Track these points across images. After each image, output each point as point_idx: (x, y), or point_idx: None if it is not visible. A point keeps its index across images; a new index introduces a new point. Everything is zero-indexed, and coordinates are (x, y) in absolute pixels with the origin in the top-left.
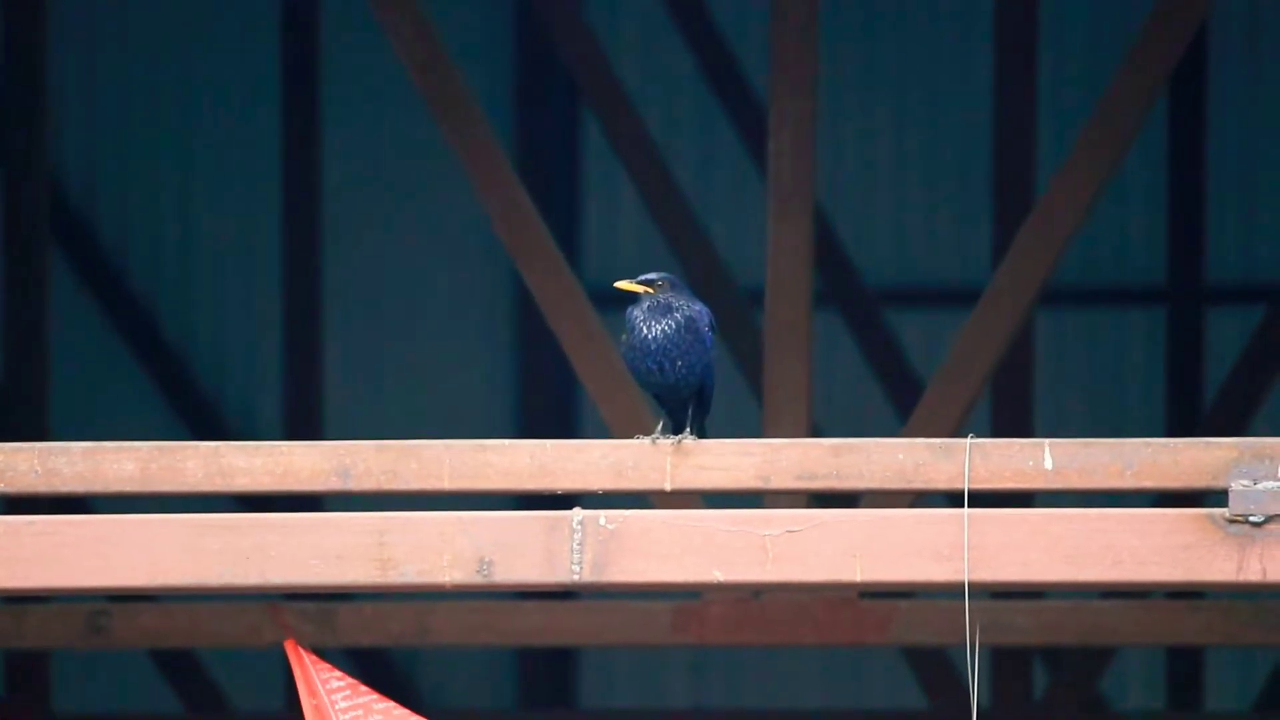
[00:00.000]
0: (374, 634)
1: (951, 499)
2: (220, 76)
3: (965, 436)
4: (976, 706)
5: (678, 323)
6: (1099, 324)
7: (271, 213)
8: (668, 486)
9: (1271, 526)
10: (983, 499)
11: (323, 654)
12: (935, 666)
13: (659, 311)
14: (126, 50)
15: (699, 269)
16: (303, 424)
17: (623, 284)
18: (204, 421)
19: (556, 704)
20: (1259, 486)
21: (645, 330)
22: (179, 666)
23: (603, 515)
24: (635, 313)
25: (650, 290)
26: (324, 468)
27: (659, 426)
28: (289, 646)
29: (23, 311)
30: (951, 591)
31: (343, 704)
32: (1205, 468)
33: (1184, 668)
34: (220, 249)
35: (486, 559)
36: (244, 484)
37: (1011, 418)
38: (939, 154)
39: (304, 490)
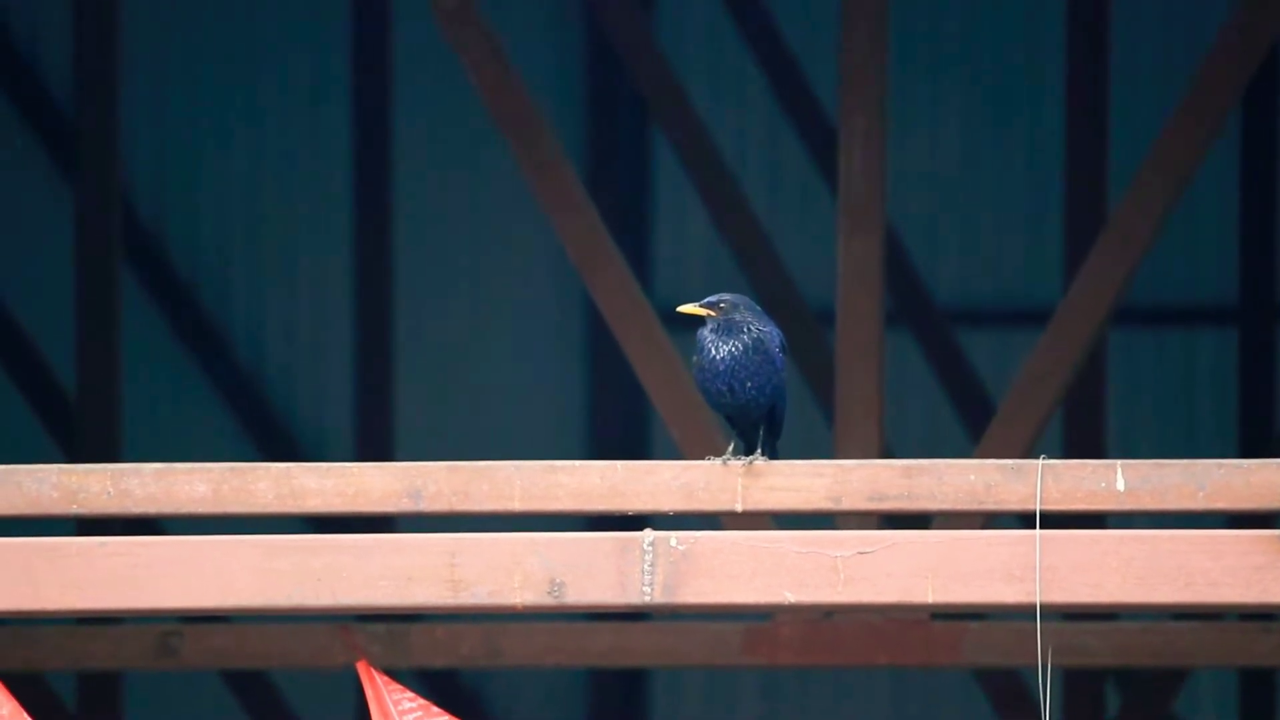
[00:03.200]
0: (445, 655)
1: (1023, 520)
2: (290, 99)
3: (1037, 457)
4: None
5: (745, 344)
6: (1170, 343)
7: (343, 233)
8: (739, 508)
9: None
10: (1055, 520)
11: (394, 675)
12: (1007, 688)
13: (728, 332)
14: (197, 71)
15: (769, 289)
16: (374, 445)
17: (686, 308)
18: (275, 442)
19: None
20: None
21: (714, 351)
22: (250, 687)
23: (674, 536)
24: (704, 333)
25: (713, 313)
26: (395, 489)
27: (730, 448)
28: (360, 667)
29: (94, 331)
30: (1023, 613)
31: None
32: (1278, 489)
33: (1256, 689)
34: (291, 269)
35: (558, 580)
36: (315, 505)
37: (1083, 438)
38: (1010, 172)
39: (375, 511)
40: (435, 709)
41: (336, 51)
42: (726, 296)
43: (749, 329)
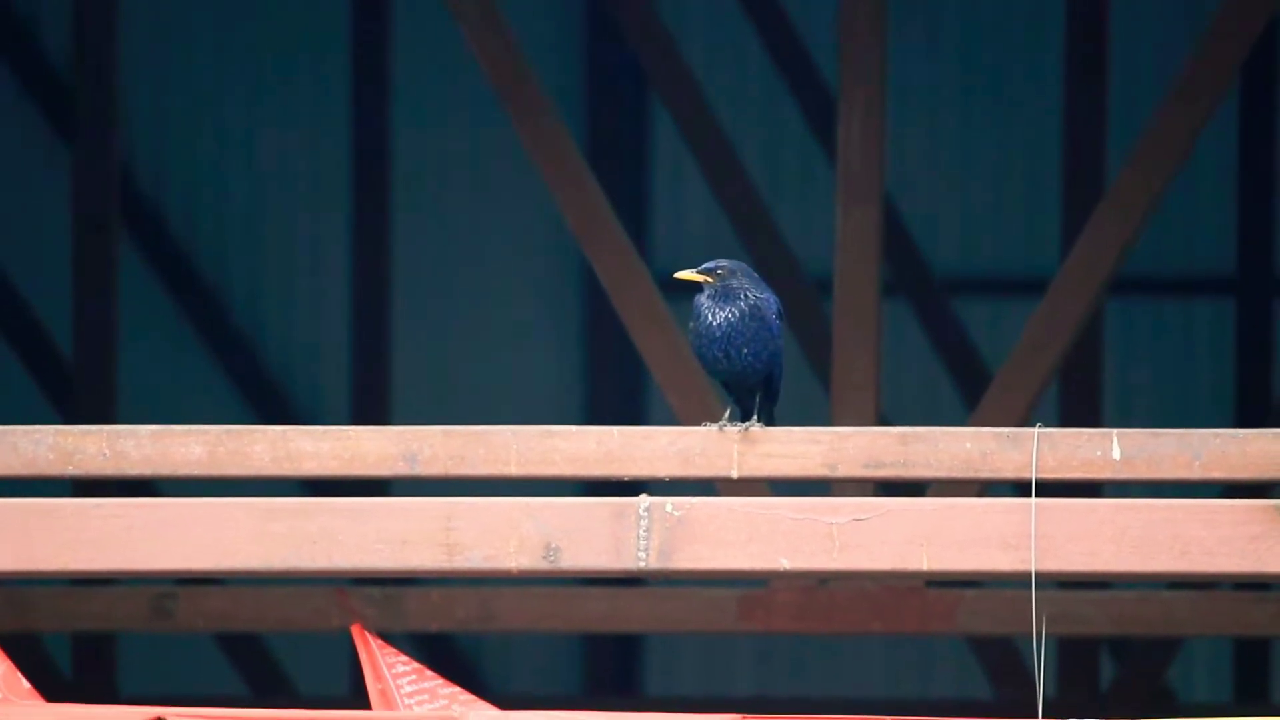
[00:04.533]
0: (440, 619)
1: (1019, 488)
2: (289, 61)
3: (1033, 426)
4: (1043, 696)
5: (741, 310)
6: (1168, 314)
7: (341, 198)
8: (734, 474)
9: None
10: (1050, 489)
11: (389, 639)
12: (1001, 656)
13: (724, 298)
14: (195, 36)
15: (767, 257)
16: (370, 409)
17: (683, 274)
18: (271, 405)
19: (622, 691)
20: None
21: (710, 317)
22: (245, 650)
23: (669, 502)
24: (701, 299)
25: (709, 280)
26: (391, 452)
27: (726, 414)
28: (355, 631)
29: (91, 295)
30: (1018, 581)
31: (409, 688)
32: (1274, 459)
33: (1251, 659)
34: (288, 234)
35: (553, 545)
36: (311, 468)
37: (1080, 407)
38: (1008, 142)
39: (371, 475)
40: (429, 673)
41: (337, 19)
42: (724, 263)
43: (745, 295)
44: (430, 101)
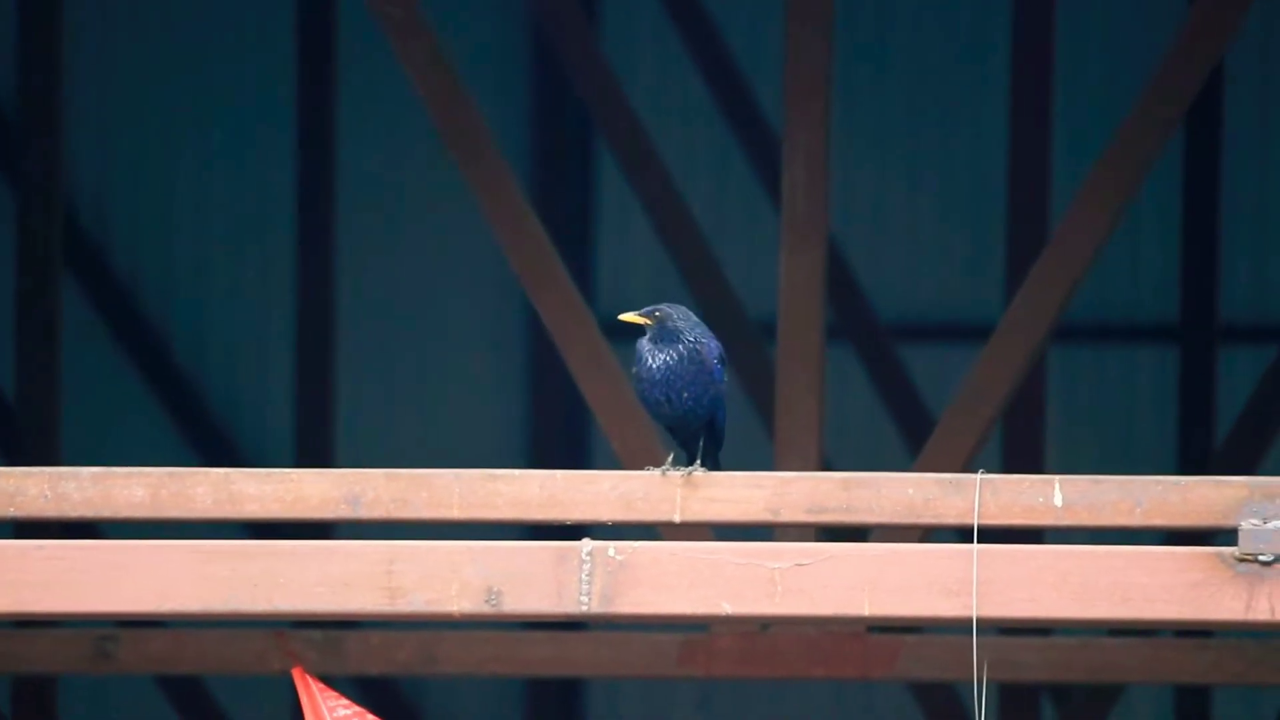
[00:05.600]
0: (381, 663)
1: (961, 534)
2: (235, 104)
3: (976, 472)
4: None
5: (680, 354)
6: (1111, 361)
7: (285, 241)
8: (677, 518)
9: None
10: (992, 535)
11: (330, 682)
12: (943, 702)
13: (664, 341)
14: (141, 77)
15: (711, 300)
16: (314, 452)
17: (626, 316)
18: (215, 448)
19: None
20: (1269, 526)
21: (650, 360)
22: (186, 693)
23: (612, 546)
24: (643, 343)
25: (649, 322)
26: (333, 495)
27: (669, 458)
28: (296, 674)
29: (34, 335)
30: (960, 627)
31: None
32: (1215, 506)
33: (1192, 707)
34: (234, 276)
35: (495, 589)
36: (253, 511)
37: (1022, 454)
38: (953, 188)
39: (313, 518)
40: (371, 716)
41: (282, 62)
42: (663, 306)
43: (685, 339)
44: (376, 144)
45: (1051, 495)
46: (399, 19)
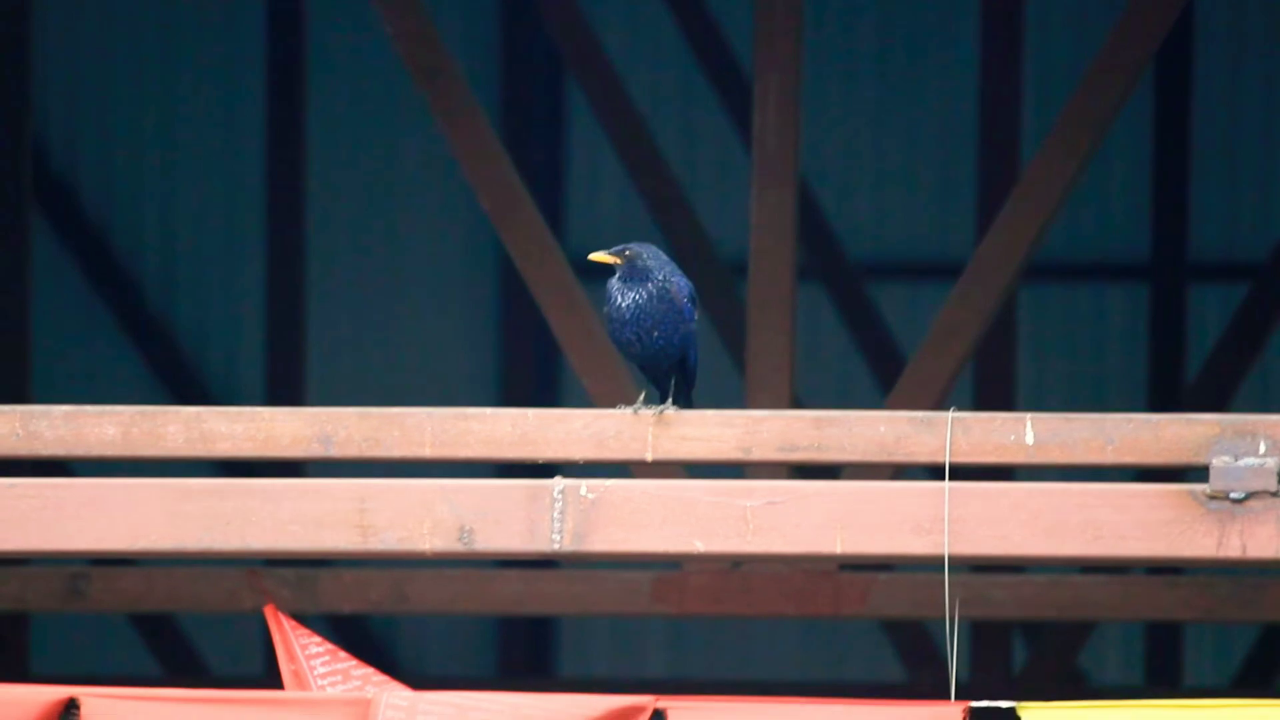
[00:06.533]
0: (353, 601)
1: (932, 472)
2: (205, 42)
3: (947, 410)
4: (955, 680)
5: (650, 292)
6: (1082, 299)
7: (255, 179)
8: (649, 457)
9: (1251, 503)
10: (964, 473)
11: (302, 620)
12: (914, 639)
13: (634, 281)
14: (110, 19)
15: (682, 241)
16: (285, 390)
17: (596, 255)
18: (186, 386)
19: (535, 672)
20: (1239, 463)
21: (620, 299)
22: (158, 630)
23: (584, 485)
24: (612, 282)
25: (618, 261)
26: (306, 434)
27: (641, 397)
28: (268, 612)
29: (5, 276)
30: (931, 565)
31: (321, 669)
32: (1186, 444)
33: (1162, 643)
34: (203, 214)
35: (467, 527)
36: (225, 449)
37: (994, 392)
38: (923, 128)
39: (285, 456)
40: (342, 653)
41: (251, 2)
42: (633, 245)
43: (655, 278)
44: (347, 84)
45: (1023, 433)
46: None
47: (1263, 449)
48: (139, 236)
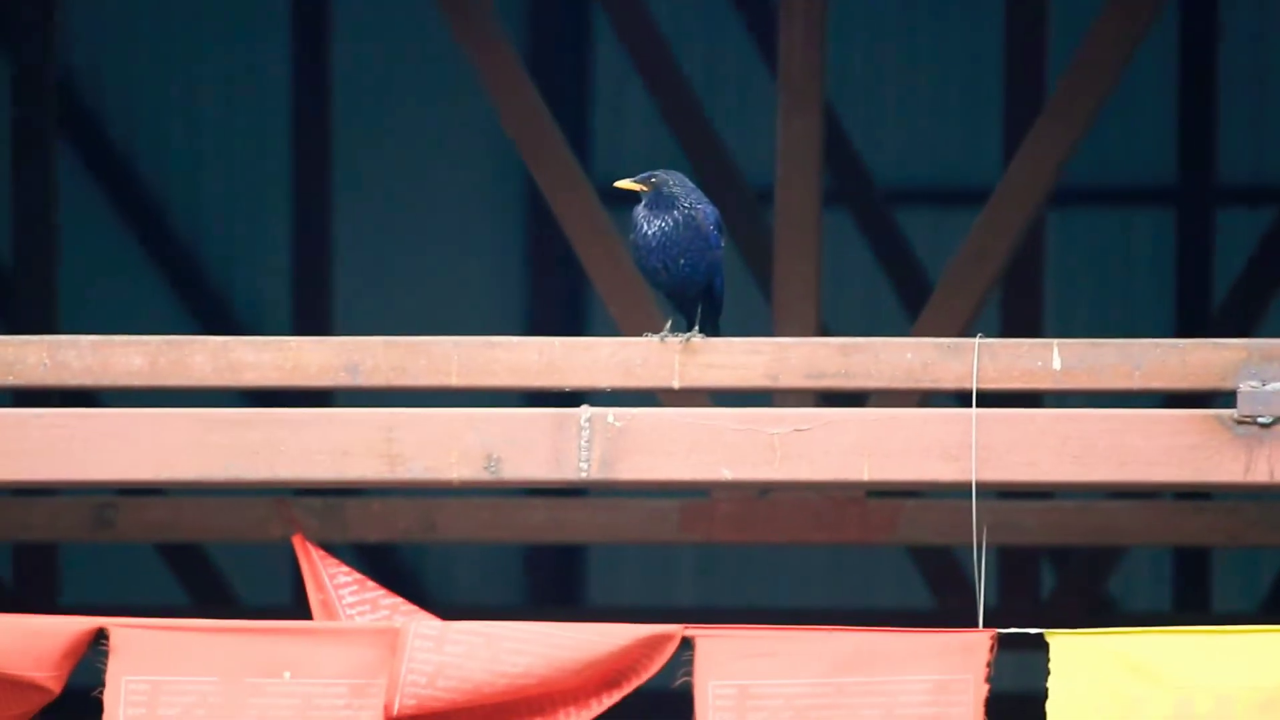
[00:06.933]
0: (381, 530)
1: (959, 399)
2: None
3: (974, 336)
4: (983, 606)
5: (676, 220)
6: (1109, 224)
7: (281, 106)
8: (676, 384)
9: (1278, 428)
10: (991, 399)
11: (330, 549)
12: (942, 566)
13: (660, 208)
14: None
15: (708, 167)
16: (311, 320)
17: (622, 183)
18: (213, 315)
19: (563, 601)
20: (1267, 388)
21: (646, 227)
22: (186, 560)
23: (611, 413)
24: (638, 210)
25: (645, 188)
26: (332, 363)
27: (668, 325)
28: (296, 541)
29: (31, 203)
30: (959, 491)
31: (350, 598)
32: (1214, 369)
33: (1190, 569)
34: (230, 142)
35: (494, 456)
36: (252, 379)
37: (1020, 318)
38: (949, 52)
39: (312, 385)
40: (370, 583)
41: None
42: (659, 172)
43: (681, 205)
44: (372, 11)
45: (1050, 359)
46: None
47: None
48: (165, 166)
